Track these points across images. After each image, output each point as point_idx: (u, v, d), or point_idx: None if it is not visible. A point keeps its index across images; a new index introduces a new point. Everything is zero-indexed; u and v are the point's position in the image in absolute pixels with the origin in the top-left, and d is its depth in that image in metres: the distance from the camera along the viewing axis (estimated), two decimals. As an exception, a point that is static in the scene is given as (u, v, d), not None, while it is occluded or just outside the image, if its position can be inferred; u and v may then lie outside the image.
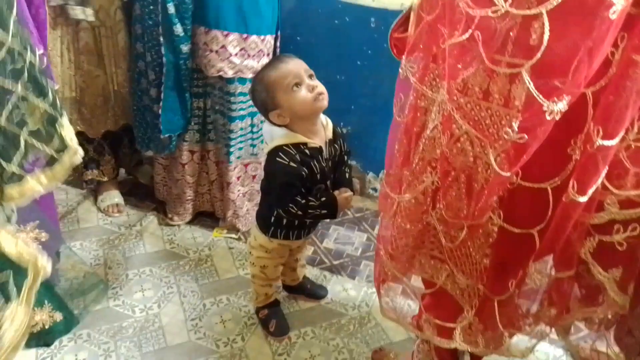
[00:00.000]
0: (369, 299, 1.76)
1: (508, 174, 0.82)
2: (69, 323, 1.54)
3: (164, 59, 1.67)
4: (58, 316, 1.46)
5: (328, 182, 1.41)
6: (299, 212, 1.32)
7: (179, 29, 1.62)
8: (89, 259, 1.85)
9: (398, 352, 1.49)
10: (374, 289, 1.79)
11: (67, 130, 1.08)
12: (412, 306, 1.22)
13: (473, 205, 0.88)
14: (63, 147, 1.06)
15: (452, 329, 1.04)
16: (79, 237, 1.95)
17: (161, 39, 1.64)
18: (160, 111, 1.74)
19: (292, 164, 1.28)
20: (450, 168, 0.91)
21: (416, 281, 1.21)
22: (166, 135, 1.79)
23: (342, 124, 2.15)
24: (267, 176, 1.41)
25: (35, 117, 0.98)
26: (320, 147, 1.34)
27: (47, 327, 1.42)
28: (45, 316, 1.41)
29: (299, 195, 1.31)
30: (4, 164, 0.91)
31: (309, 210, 1.33)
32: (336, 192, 1.41)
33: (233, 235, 2.02)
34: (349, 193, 1.42)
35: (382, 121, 1.32)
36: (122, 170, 2.25)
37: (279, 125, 1.32)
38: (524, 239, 0.88)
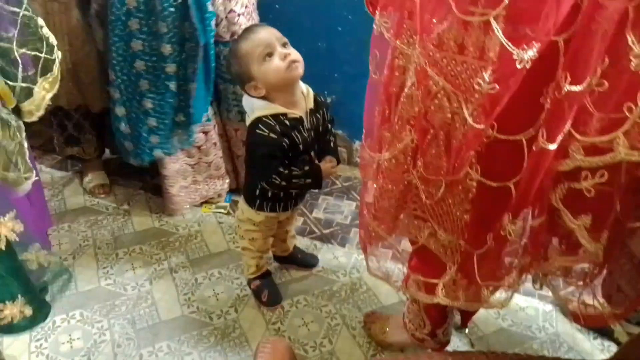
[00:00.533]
0: (360, 265, 1.77)
1: (483, 127, 0.81)
2: (36, 319, 1.52)
3: (200, 42, 1.62)
4: (28, 312, 1.46)
5: (312, 152, 1.40)
6: (283, 183, 1.31)
7: (209, 6, 1.59)
8: (78, 240, 1.85)
9: (389, 315, 1.51)
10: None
11: (46, 30, 1.10)
12: (403, 270, 1.22)
13: (452, 162, 0.88)
14: (49, 48, 1.09)
15: (435, 285, 1.05)
16: (66, 219, 1.94)
17: (193, 22, 1.58)
18: (191, 102, 1.73)
19: (271, 134, 1.27)
20: (428, 126, 0.90)
21: (405, 244, 1.21)
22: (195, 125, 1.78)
23: (326, 92, 2.14)
24: (247, 149, 1.40)
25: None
26: (301, 117, 1.32)
27: (15, 322, 1.42)
28: (16, 310, 1.41)
29: (282, 166, 1.30)
30: (10, 83, 0.94)
31: (293, 181, 1.32)
32: (321, 162, 1.40)
33: (222, 210, 2.01)
34: (333, 161, 1.42)
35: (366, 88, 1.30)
36: (108, 151, 2.23)
37: (258, 98, 1.30)
38: (501, 192, 0.88)
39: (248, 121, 1.34)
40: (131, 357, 1.44)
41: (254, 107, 1.31)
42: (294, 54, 1.26)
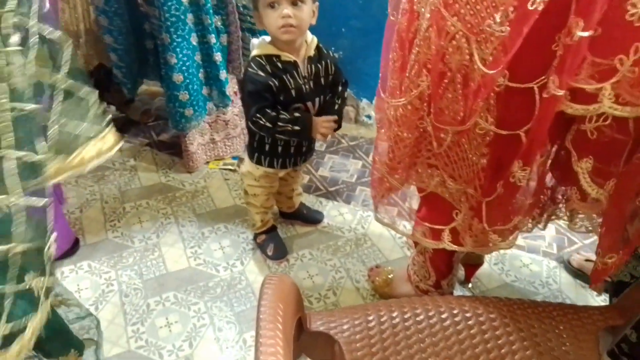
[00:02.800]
0: (365, 221, 1.78)
1: (494, 72, 0.80)
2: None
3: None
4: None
5: (310, 104, 1.37)
6: (268, 124, 1.30)
7: None
8: (85, 194, 1.86)
9: (393, 268, 1.52)
10: (370, 213, 1.81)
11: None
12: (407, 226, 1.22)
13: (469, 105, 0.86)
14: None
15: (441, 231, 1.05)
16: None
17: None
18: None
19: (260, 72, 1.27)
20: (445, 69, 0.88)
21: (412, 202, 1.21)
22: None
23: (333, 48, 2.09)
24: (240, 87, 1.39)
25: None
26: (295, 61, 1.30)
27: None
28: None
29: (269, 108, 1.29)
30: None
31: (279, 124, 1.30)
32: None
33: (229, 167, 2.01)
34: (330, 120, 1.37)
35: (375, 44, 1.26)
36: (113, 109, 2.22)
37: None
38: (511, 140, 0.87)
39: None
40: (138, 306, 1.46)
41: (254, 47, 1.32)
42: (296, 19, 1.21)
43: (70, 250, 1.61)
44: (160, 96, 2.38)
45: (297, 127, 1.32)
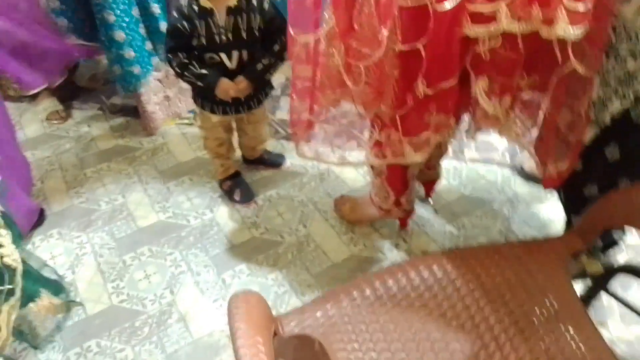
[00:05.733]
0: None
1: None
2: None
3: None
4: (57, 301, 1.32)
5: (225, 56, 1.35)
6: (177, 68, 1.33)
7: None
8: (44, 165, 1.84)
9: (357, 196, 1.58)
10: (331, 148, 1.85)
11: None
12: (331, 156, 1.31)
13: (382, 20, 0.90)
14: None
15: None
16: (28, 147, 1.91)
17: None
18: None
19: (175, 13, 1.31)
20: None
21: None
22: None
23: None
24: None
25: None
26: (212, 9, 1.27)
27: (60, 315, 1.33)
28: (48, 304, 1.26)
29: (181, 51, 1.31)
30: None
31: (185, 73, 1.33)
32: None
33: (185, 121, 2.01)
34: (243, 83, 1.36)
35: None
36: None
37: None
38: (413, 55, 0.92)
39: None
40: (115, 264, 1.49)
41: None
42: None
43: (37, 221, 1.61)
44: (104, 60, 2.32)
45: (200, 84, 1.34)
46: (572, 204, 1.21)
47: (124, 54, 1.73)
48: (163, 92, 1.96)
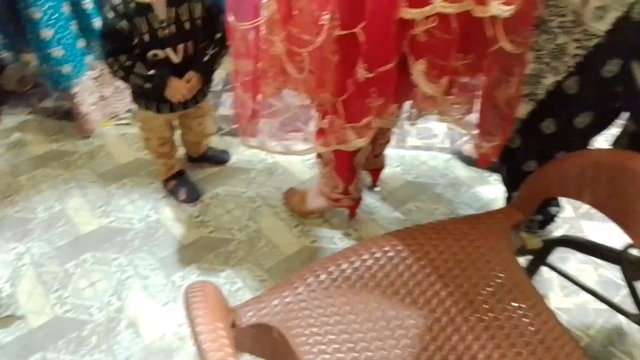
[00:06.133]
0: (273, 150, 1.81)
1: None
2: None
3: None
4: None
5: (170, 51, 1.30)
6: (121, 72, 1.27)
7: None
8: (-29, 176, 1.73)
9: (305, 188, 1.58)
10: (276, 142, 1.85)
11: None
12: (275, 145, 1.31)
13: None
14: None
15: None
16: (-49, 157, 1.79)
17: None
18: None
19: (110, 13, 1.22)
20: None
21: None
22: None
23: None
24: None
25: None
26: (149, 4, 1.22)
27: None
28: None
29: (123, 55, 1.24)
30: None
31: (131, 76, 1.28)
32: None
33: (123, 121, 1.94)
34: (194, 79, 1.34)
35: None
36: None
37: None
38: (351, 40, 0.94)
39: None
40: (56, 274, 1.42)
41: None
42: None
43: (-32, 235, 1.51)
44: (33, 61, 2.20)
45: (148, 85, 1.29)
46: (513, 181, 1.27)
47: (52, 52, 1.64)
48: (98, 92, 1.88)
